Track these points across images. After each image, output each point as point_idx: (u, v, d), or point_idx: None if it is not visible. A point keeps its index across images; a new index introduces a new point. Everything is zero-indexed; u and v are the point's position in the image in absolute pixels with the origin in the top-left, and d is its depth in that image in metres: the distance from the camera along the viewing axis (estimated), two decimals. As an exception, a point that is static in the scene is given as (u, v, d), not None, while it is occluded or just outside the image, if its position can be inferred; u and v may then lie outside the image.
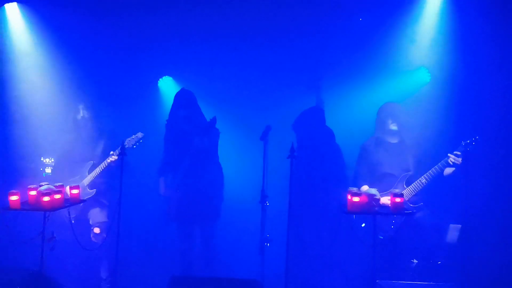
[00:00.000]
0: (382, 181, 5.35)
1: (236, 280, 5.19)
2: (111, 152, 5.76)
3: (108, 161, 5.74)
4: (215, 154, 5.70)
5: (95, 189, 5.90)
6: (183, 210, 5.59)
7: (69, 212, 5.18)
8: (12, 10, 6.68)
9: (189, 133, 5.64)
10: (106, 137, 6.01)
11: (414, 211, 5.11)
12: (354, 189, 4.77)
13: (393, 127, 5.45)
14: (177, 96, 5.79)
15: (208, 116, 5.69)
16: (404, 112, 5.50)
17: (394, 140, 5.47)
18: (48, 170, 6.44)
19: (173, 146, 5.75)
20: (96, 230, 5.79)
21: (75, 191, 5.16)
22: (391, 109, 5.50)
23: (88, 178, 5.87)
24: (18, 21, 6.69)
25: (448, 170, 5.25)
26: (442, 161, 5.19)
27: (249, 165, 6.93)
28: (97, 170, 5.83)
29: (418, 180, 5.29)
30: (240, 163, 7.05)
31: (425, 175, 5.24)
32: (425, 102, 6.36)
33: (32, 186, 4.87)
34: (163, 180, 5.78)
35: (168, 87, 7.16)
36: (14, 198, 4.78)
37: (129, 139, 5.66)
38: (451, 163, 5.14)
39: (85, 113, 5.95)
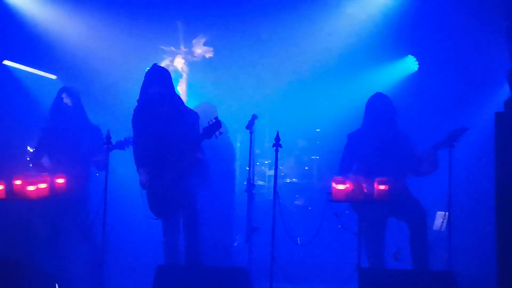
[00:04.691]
0: (368, 171, 5.32)
1: (222, 268, 5.22)
2: None
3: None
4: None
5: None
6: (166, 201, 5.14)
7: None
8: None
9: (164, 116, 5.12)
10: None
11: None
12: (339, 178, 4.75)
13: (381, 118, 5.37)
14: (149, 73, 5.15)
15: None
16: (393, 103, 5.46)
17: (380, 132, 5.41)
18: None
19: (146, 133, 5.16)
20: None
21: (60, 181, 5.15)
22: (379, 100, 5.45)
23: None
24: None
25: None
26: None
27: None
28: None
29: None
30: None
31: None
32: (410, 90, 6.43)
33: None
34: (143, 170, 5.16)
35: None
36: (-1, 187, 4.76)
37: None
38: None
39: (68, 100, 5.46)
